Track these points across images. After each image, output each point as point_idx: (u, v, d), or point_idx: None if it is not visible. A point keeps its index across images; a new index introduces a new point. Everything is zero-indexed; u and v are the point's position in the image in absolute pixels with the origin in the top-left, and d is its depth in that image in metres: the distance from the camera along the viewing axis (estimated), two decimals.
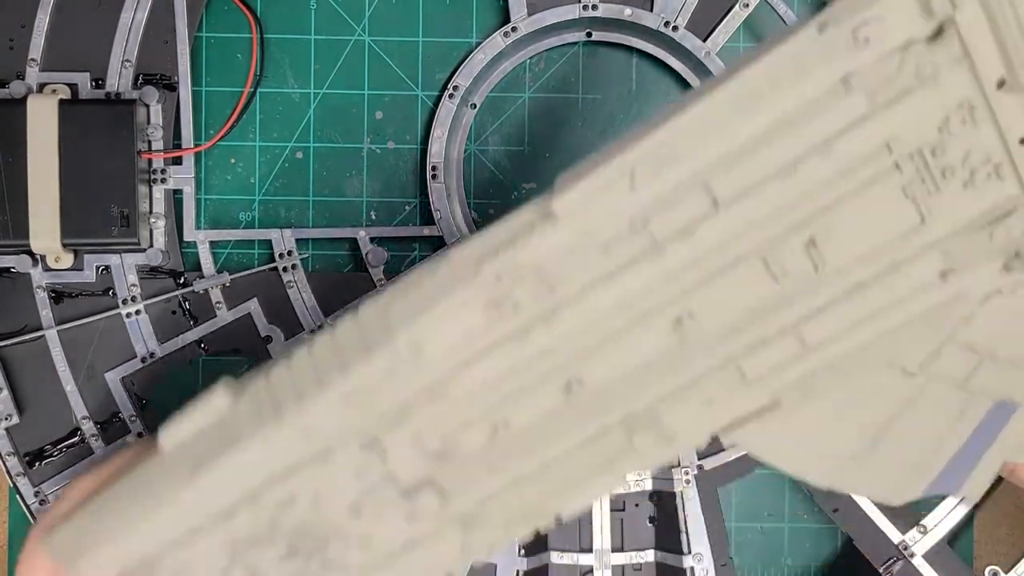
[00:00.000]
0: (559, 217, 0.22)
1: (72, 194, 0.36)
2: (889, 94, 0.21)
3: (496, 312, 0.23)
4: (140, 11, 0.38)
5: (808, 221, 0.22)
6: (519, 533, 0.26)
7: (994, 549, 0.40)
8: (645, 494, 0.40)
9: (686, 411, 0.25)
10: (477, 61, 0.39)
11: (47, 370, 0.38)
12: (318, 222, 0.40)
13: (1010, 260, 0.23)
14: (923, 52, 0.21)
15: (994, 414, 0.26)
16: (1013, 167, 0.22)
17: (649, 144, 0.22)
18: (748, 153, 0.22)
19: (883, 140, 0.21)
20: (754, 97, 0.21)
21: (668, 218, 0.22)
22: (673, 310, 0.23)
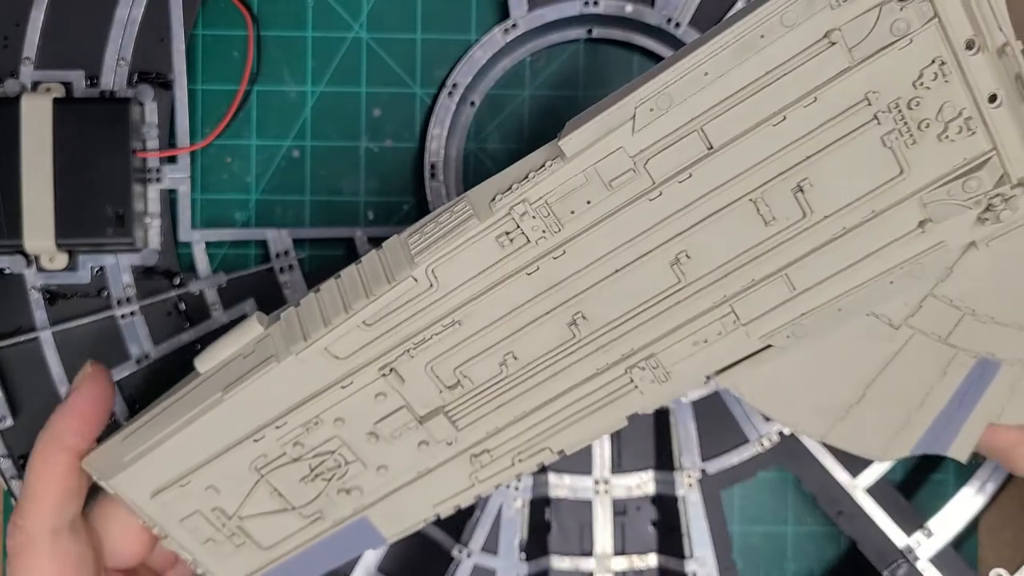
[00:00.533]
0: (567, 155, 0.24)
1: (66, 194, 0.36)
2: (867, 49, 0.23)
3: (508, 244, 0.25)
4: (135, 8, 0.37)
5: (796, 167, 0.24)
6: (525, 468, 0.29)
7: (999, 552, 0.40)
8: (647, 498, 0.39)
9: (682, 350, 0.27)
10: (476, 58, 0.39)
11: (41, 372, 0.38)
12: (315, 222, 0.40)
13: (983, 212, 0.25)
14: (896, 10, 0.22)
15: (977, 372, 0.27)
16: (983, 122, 0.24)
17: (649, 89, 0.24)
18: (740, 100, 0.24)
19: (862, 92, 0.23)
20: (744, 48, 0.23)
21: (666, 159, 0.24)
22: (671, 249, 0.25)
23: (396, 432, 0.28)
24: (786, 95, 0.24)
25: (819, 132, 0.24)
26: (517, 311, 0.26)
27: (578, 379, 0.28)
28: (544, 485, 0.39)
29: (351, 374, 0.27)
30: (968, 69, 0.23)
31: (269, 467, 0.29)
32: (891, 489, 0.38)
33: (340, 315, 0.26)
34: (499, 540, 0.39)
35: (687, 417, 0.39)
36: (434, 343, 0.27)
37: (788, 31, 0.23)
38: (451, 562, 0.38)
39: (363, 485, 0.30)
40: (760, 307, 0.26)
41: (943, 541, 0.38)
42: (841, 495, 0.38)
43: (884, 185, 0.25)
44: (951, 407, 0.28)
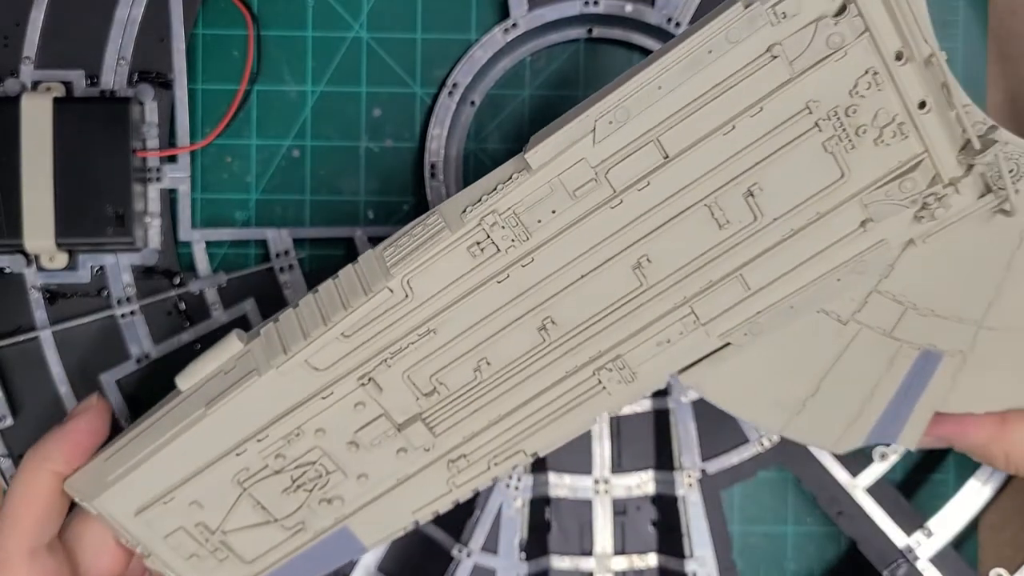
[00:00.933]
0: (533, 167, 0.26)
1: (66, 193, 0.36)
2: (806, 61, 0.25)
3: (480, 253, 0.27)
4: (135, 8, 0.37)
5: (746, 173, 0.26)
6: (500, 472, 0.30)
7: (999, 552, 0.40)
8: (647, 498, 0.39)
9: (647, 351, 0.28)
10: (476, 58, 0.39)
11: (41, 371, 0.38)
12: (315, 221, 0.40)
13: (919, 211, 0.27)
14: (831, 25, 0.24)
15: (921, 363, 0.29)
16: (915, 127, 0.26)
17: (607, 103, 0.25)
18: (692, 112, 0.25)
19: (804, 101, 0.25)
20: (694, 63, 0.25)
21: (626, 169, 0.26)
22: (633, 254, 0.27)
23: (375, 440, 0.29)
24: (734, 106, 0.25)
25: (766, 140, 0.26)
26: (489, 318, 0.28)
27: (549, 382, 0.29)
28: (544, 485, 0.39)
29: (331, 385, 0.28)
30: (898, 78, 0.25)
31: (251, 480, 0.30)
32: (891, 489, 0.38)
33: (319, 327, 0.28)
34: (499, 540, 0.39)
35: (687, 417, 0.39)
36: (410, 352, 0.28)
37: (733, 46, 0.25)
38: (451, 562, 0.38)
39: (344, 494, 0.30)
40: (718, 307, 0.28)
41: (943, 541, 0.38)
42: (841, 495, 0.38)
43: (827, 188, 0.26)
44: (898, 397, 0.29)
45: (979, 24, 0.40)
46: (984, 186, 0.27)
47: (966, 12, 0.40)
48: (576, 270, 0.27)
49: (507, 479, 0.39)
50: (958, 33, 0.40)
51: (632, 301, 0.28)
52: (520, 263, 0.27)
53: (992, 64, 0.40)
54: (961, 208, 0.27)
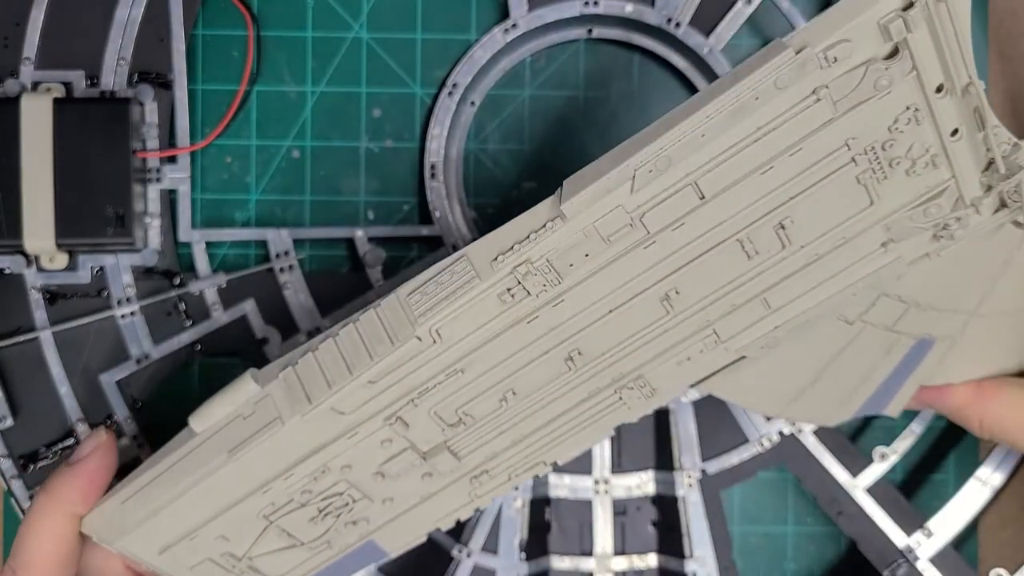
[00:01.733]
0: (568, 217, 0.26)
1: (66, 194, 0.36)
2: (850, 102, 0.24)
3: (510, 300, 0.27)
4: (135, 8, 0.37)
5: (779, 208, 0.26)
6: (520, 482, 0.31)
7: (999, 552, 0.40)
8: (647, 498, 0.39)
9: (667, 369, 0.29)
10: (476, 58, 0.39)
11: (41, 372, 0.37)
12: (315, 222, 0.40)
13: (938, 231, 0.27)
14: (880, 68, 0.24)
15: (915, 349, 0.30)
16: (946, 157, 0.26)
17: (648, 153, 0.25)
18: (732, 155, 0.25)
19: (843, 139, 0.25)
20: (740, 110, 0.24)
21: (662, 212, 0.26)
22: (662, 288, 0.27)
23: (402, 471, 0.30)
24: (774, 147, 0.25)
25: (802, 176, 0.26)
26: (517, 355, 0.28)
27: (572, 403, 0.29)
28: (544, 485, 0.39)
29: (357, 426, 0.28)
30: (936, 111, 0.25)
31: (278, 513, 0.30)
32: (891, 489, 0.38)
33: (344, 377, 0.27)
34: (499, 540, 0.39)
35: (687, 417, 0.39)
36: (437, 391, 0.28)
37: (780, 92, 0.24)
38: (451, 562, 0.38)
39: (369, 516, 0.31)
40: (739, 326, 0.28)
41: (943, 541, 0.38)
42: (841, 495, 0.38)
43: (856, 216, 0.26)
44: (891, 378, 0.31)
45: (979, 24, 0.40)
46: (1000, 202, 0.27)
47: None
48: (605, 306, 0.27)
49: None
50: None
51: (657, 329, 0.28)
52: (550, 304, 0.27)
53: (992, 64, 0.40)
54: (978, 226, 0.27)
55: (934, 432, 0.40)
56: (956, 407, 0.32)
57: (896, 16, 0.23)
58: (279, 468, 0.29)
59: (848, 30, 0.23)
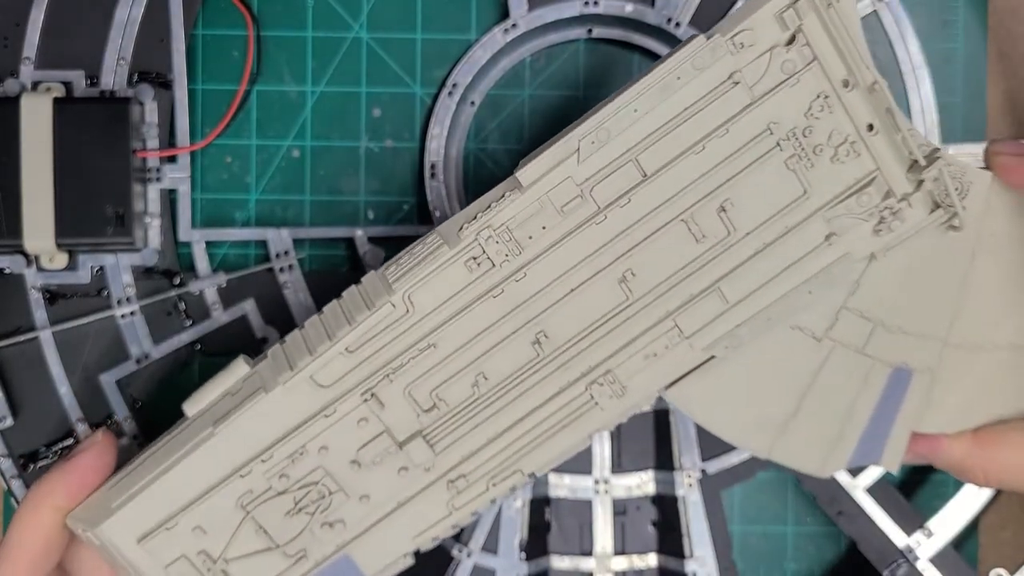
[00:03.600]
0: (523, 185, 0.28)
1: (66, 193, 0.36)
2: (764, 87, 0.28)
3: (476, 268, 0.29)
4: (135, 8, 0.37)
5: (717, 190, 0.29)
6: (498, 493, 0.31)
7: (999, 552, 0.40)
8: (647, 498, 0.39)
9: (635, 364, 0.30)
10: (476, 58, 0.39)
11: (41, 372, 0.37)
12: (315, 221, 0.40)
13: (877, 224, 0.29)
14: (783, 53, 0.28)
15: (894, 380, 0.31)
16: (866, 147, 0.28)
17: (590, 124, 0.28)
18: (666, 133, 0.28)
19: (765, 123, 0.28)
20: (665, 88, 0.28)
21: (608, 186, 0.29)
22: (618, 268, 0.29)
23: (377, 458, 0.30)
24: (703, 127, 0.28)
25: (733, 158, 0.28)
26: (486, 332, 0.29)
27: (543, 398, 0.30)
28: (544, 485, 0.39)
29: (335, 402, 0.29)
30: (847, 103, 0.28)
31: (255, 502, 0.30)
32: (891, 489, 0.38)
33: (324, 343, 0.29)
34: (499, 540, 0.39)
35: (687, 417, 0.39)
36: (411, 367, 0.29)
37: (699, 73, 0.28)
38: (451, 562, 0.38)
39: (345, 517, 0.31)
40: (699, 320, 0.30)
41: (943, 541, 0.38)
42: (841, 495, 0.38)
43: (792, 203, 0.29)
44: (876, 416, 0.31)
45: (979, 24, 0.40)
46: (933, 203, 0.29)
47: (966, 12, 0.40)
48: (566, 284, 0.29)
49: None
50: (958, 33, 0.40)
51: (619, 315, 0.30)
52: (514, 278, 0.29)
53: (992, 64, 0.40)
54: (915, 223, 0.29)
55: None
56: (956, 460, 0.31)
57: (788, 7, 0.27)
58: (260, 447, 0.29)
59: (750, 20, 0.27)
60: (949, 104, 0.39)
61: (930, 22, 0.40)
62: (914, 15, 0.38)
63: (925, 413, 0.31)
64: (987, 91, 0.40)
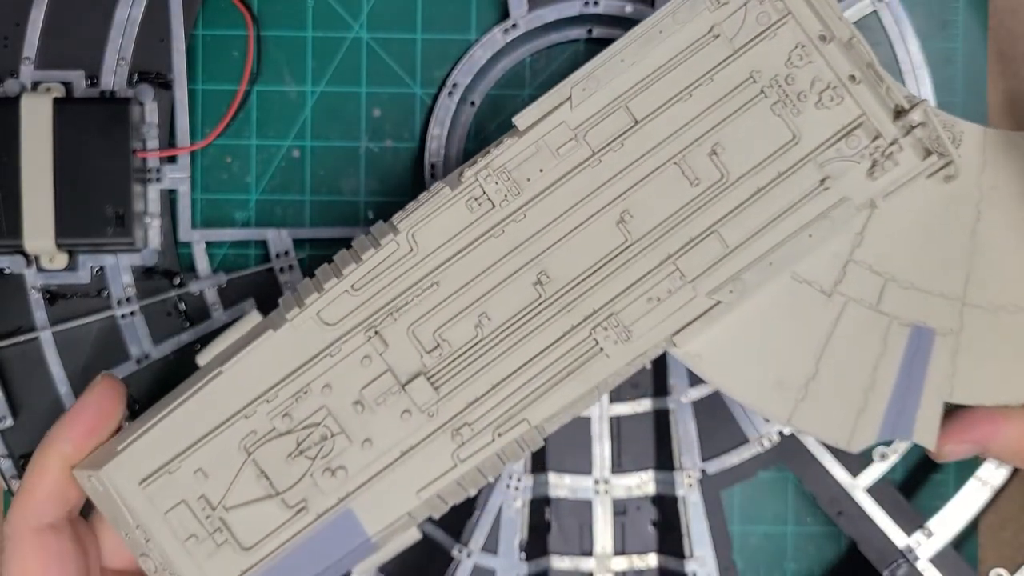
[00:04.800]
0: (519, 129, 0.30)
1: (66, 194, 0.36)
2: (743, 39, 0.30)
3: (477, 207, 0.30)
4: (135, 8, 0.37)
5: (706, 135, 0.30)
6: (505, 443, 0.30)
7: (999, 552, 0.40)
8: (647, 498, 0.39)
9: (638, 308, 0.30)
10: (476, 58, 0.39)
11: (41, 372, 0.38)
12: (315, 222, 0.40)
13: (871, 168, 0.30)
14: (758, 6, 0.30)
15: (915, 341, 0.31)
16: (848, 93, 0.30)
17: (580, 73, 0.30)
18: (653, 82, 0.30)
19: (747, 72, 0.30)
20: (650, 40, 0.30)
21: (601, 131, 0.30)
22: (615, 209, 0.30)
23: (380, 398, 0.30)
24: (688, 76, 0.30)
25: (720, 105, 0.30)
26: (488, 272, 0.30)
27: (547, 342, 0.31)
28: (544, 485, 0.39)
29: (339, 340, 0.30)
30: (826, 54, 0.30)
31: (257, 444, 0.30)
32: (891, 489, 0.38)
33: (331, 280, 0.30)
34: (499, 540, 0.39)
35: (687, 417, 0.39)
36: (414, 305, 0.30)
37: (681, 27, 0.30)
38: (451, 562, 0.38)
39: (348, 463, 0.30)
40: (701, 263, 0.30)
41: (943, 541, 0.38)
42: (841, 495, 0.38)
43: (782, 148, 0.30)
44: (901, 382, 0.31)
45: (979, 24, 0.40)
46: (925, 149, 0.30)
47: (966, 12, 0.40)
48: (565, 225, 0.30)
49: (507, 479, 0.39)
50: (958, 33, 0.40)
51: (619, 256, 0.30)
52: (513, 218, 0.30)
53: (992, 64, 0.40)
54: (909, 166, 0.30)
55: None
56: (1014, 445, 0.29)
57: None
58: (264, 386, 0.30)
59: None
60: (949, 104, 0.39)
61: (930, 22, 0.40)
62: (914, 15, 0.38)
63: (956, 382, 0.31)
64: (987, 91, 0.40)
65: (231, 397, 0.30)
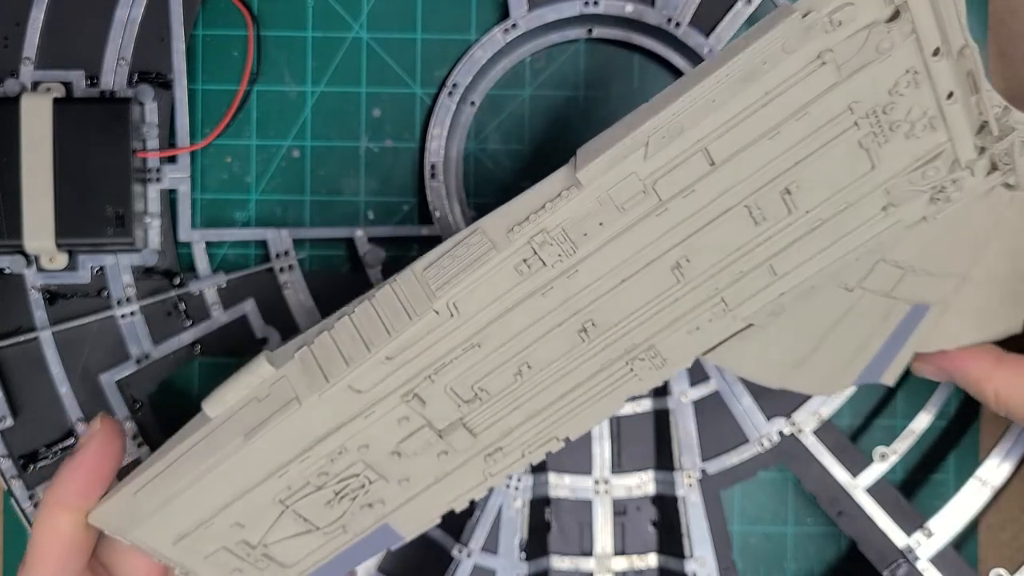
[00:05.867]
0: (583, 185, 0.26)
1: (66, 194, 0.36)
2: (853, 65, 0.25)
3: (526, 271, 0.27)
4: (135, 8, 0.37)
5: (786, 173, 0.27)
6: (534, 459, 0.30)
7: (999, 552, 0.40)
8: (647, 498, 0.39)
9: (677, 339, 0.29)
10: (476, 58, 0.39)
11: (41, 372, 0.37)
12: (315, 222, 0.40)
13: (936, 193, 0.28)
14: (882, 31, 0.25)
15: (911, 315, 0.30)
16: (943, 119, 0.27)
17: (661, 119, 0.26)
18: (741, 121, 0.26)
19: (847, 103, 0.26)
20: (749, 75, 0.25)
21: (674, 179, 0.26)
22: (673, 256, 0.28)
23: (419, 449, 0.29)
24: (781, 112, 0.26)
25: (808, 140, 0.26)
26: (532, 327, 0.28)
27: (584, 376, 0.29)
28: (544, 485, 0.39)
29: (374, 404, 0.28)
30: (934, 73, 0.26)
31: (293, 497, 0.29)
32: (891, 489, 0.38)
33: (362, 354, 0.27)
34: (499, 540, 0.39)
35: (687, 417, 0.39)
36: (454, 366, 0.28)
37: (788, 56, 0.25)
38: (451, 562, 0.38)
39: (385, 498, 0.30)
40: (746, 294, 0.28)
41: (943, 541, 0.38)
42: (841, 495, 0.38)
43: (857, 180, 0.27)
44: (887, 345, 0.31)
45: (979, 24, 0.40)
46: (991, 165, 0.28)
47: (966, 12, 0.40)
48: (618, 275, 0.28)
49: (507, 479, 0.39)
50: None
51: (668, 298, 0.28)
52: (565, 275, 0.27)
53: (992, 64, 0.40)
54: (973, 188, 0.28)
55: (934, 432, 0.40)
56: (974, 377, 0.32)
57: None
58: (296, 450, 0.28)
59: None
60: None
61: None
62: None
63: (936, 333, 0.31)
64: None
65: (262, 463, 0.28)
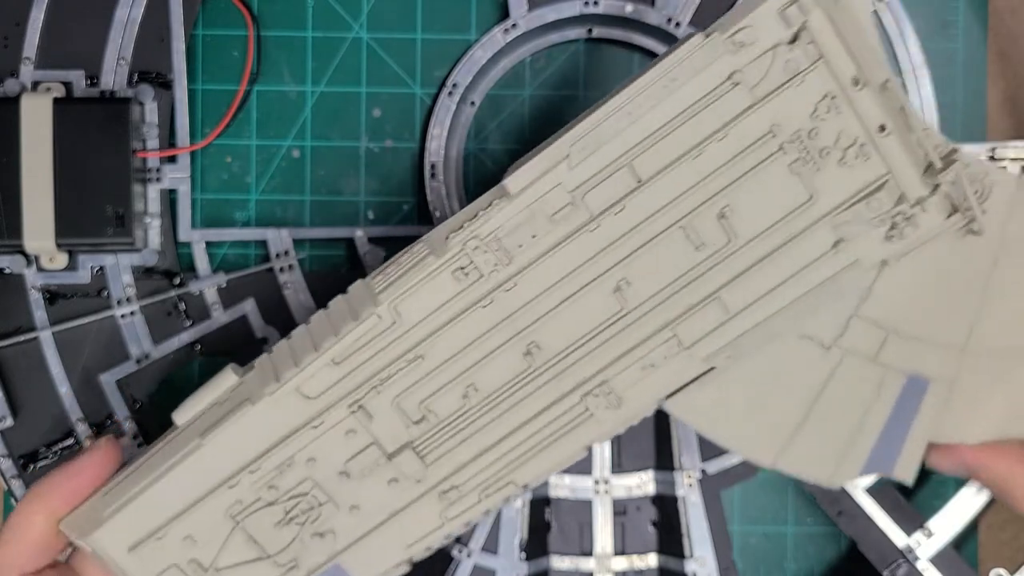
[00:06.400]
0: (511, 193, 0.27)
1: (66, 193, 0.36)
2: (766, 87, 0.26)
3: (464, 278, 0.28)
4: (135, 8, 0.37)
5: (716, 196, 0.27)
6: (491, 504, 0.30)
7: (999, 552, 0.40)
8: (647, 498, 0.39)
9: (632, 375, 0.29)
10: (476, 58, 0.39)
11: (41, 372, 0.38)
12: (315, 222, 0.40)
13: (889, 230, 0.27)
14: (787, 52, 0.26)
15: (909, 389, 0.29)
16: (876, 149, 0.27)
17: (581, 129, 0.27)
18: (662, 137, 0.27)
19: (767, 126, 0.27)
20: (660, 91, 0.26)
21: (601, 193, 0.27)
22: (612, 277, 0.28)
23: (366, 470, 0.29)
24: (701, 131, 0.27)
25: (733, 163, 0.27)
26: (475, 343, 0.28)
27: (536, 409, 0.29)
28: (544, 485, 0.39)
29: (322, 413, 0.29)
30: (856, 103, 0.26)
31: (244, 513, 0.30)
32: (891, 489, 0.38)
33: (310, 355, 0.28)
34: (499, 540, 0.39)
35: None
36: (399, 378, 0.28)
37: (696, 74, 0.26)
38: (451, 562, 0.38)
39: (336, 527, 0.30)
40: (700, 330, 0.28)
41: (943, 541, 0.38)
42: (841, 495, 0.38)
43: (797, 210, 0.27)
44: (890, 426, 0.29)
45: (979, 24, 0.40)
46: (951, 207, 0.27)
47: (966, 12, 0.40)
48: (558, 294, 0.28)
49: None
50: (958, 33, 0.40)
51: (614, 325, 0.28)
52: (503, 287, 0.28)
53: (992, 64, 0.40)
54: (930, 228, 0.27)
55: None
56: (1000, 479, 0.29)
57: (791, 3, 0.26)
58: (247, 458, 0.29)
59: (750, 18, 0.26)
60: (949, 104, 0.39)
61: (930, 22, 0.40)
62: (914, 15, 0.38)
63: (949, 422, 0.29)
64: (987, 91, 0.40)
65: (213, 468, 0.29)
